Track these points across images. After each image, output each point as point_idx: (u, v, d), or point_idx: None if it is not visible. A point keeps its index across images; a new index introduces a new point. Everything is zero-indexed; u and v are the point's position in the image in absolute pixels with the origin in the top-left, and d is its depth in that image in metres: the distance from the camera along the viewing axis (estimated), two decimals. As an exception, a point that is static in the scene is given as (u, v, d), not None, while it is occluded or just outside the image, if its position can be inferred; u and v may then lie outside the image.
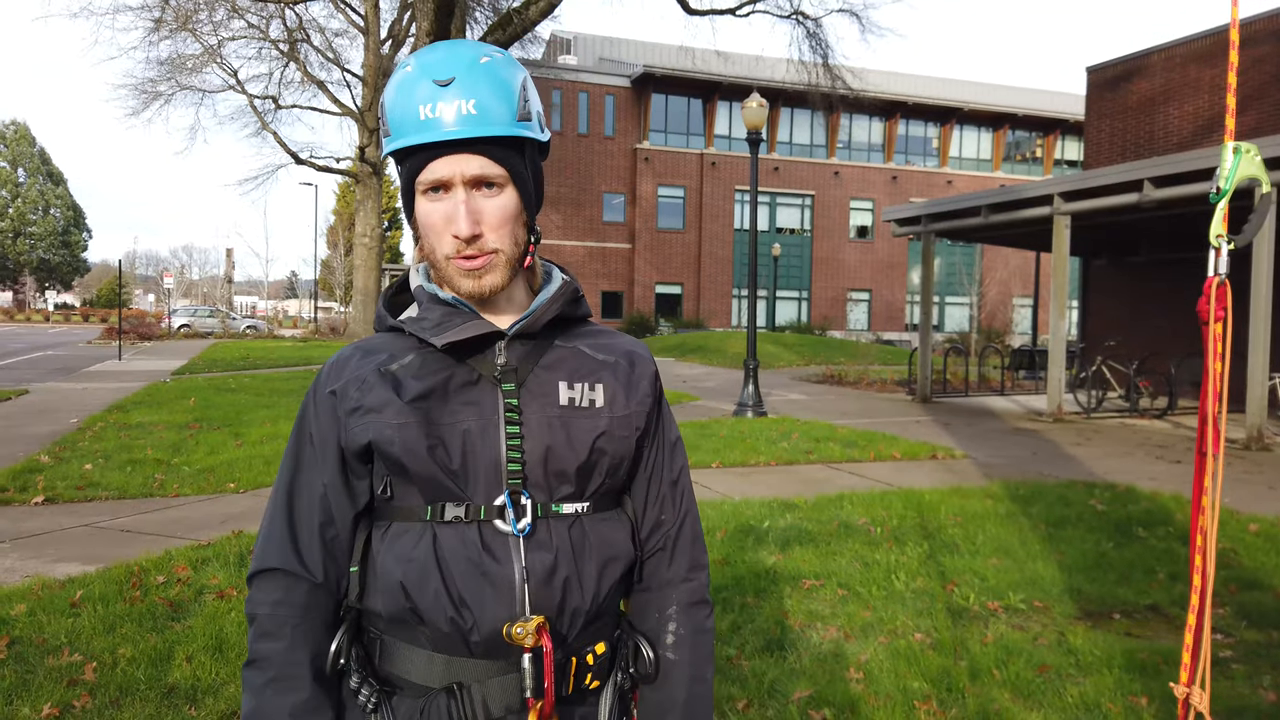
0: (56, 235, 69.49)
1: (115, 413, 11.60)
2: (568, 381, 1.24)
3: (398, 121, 1.17)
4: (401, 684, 1.20)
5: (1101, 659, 3.92)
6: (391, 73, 1.14)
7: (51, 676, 3.48)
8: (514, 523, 1.17)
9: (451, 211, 1.16)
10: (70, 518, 6.31)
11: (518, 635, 1.13)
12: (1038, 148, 48.64)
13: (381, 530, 1.22)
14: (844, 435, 10.76)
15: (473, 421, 1.19)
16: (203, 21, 26.72)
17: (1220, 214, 1.35)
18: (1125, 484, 7.93)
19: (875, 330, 44.59)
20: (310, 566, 1.21)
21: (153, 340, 33.57)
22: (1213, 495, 1.36)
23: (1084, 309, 19.24)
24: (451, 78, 1.14)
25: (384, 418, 1.18)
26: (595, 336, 1.32)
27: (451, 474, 1.17)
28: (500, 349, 1.22)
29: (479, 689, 1.16)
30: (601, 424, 1.23)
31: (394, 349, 1.24)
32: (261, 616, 1.20)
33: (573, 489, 1.22)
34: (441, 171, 1.16)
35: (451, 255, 1.18)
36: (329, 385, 1.24)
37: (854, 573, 5.11)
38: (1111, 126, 18.26)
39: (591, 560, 1.21)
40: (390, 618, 1.19)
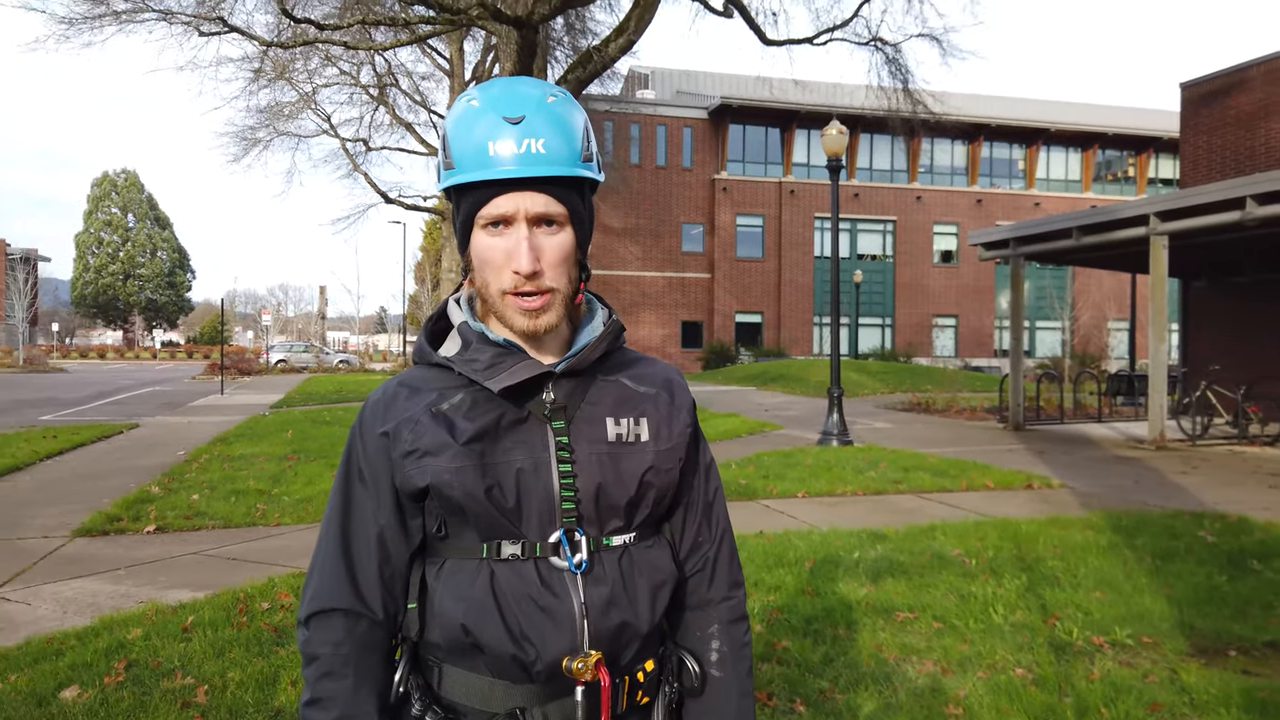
0: (163, 276, 73.11)
1: (219, 445, 12.10)
2: (614, 417, 1.26)
3: (463, 155, 1.18)
4: (463, 710, 1.22)
5: (1218, 698, 3.74)
6: (454, 106, 1.16)
7: (166, 699, 3.63)
8: (570, 559, 1.20)
9: (513, 248, 1.17)
10: (180, 546, 6.59)
11: (577, 670, 1.16)
12: (1130, 167, 47.10)
13: (436, 567, 1.24)
14: (933, 464, 10.53)
15: (525, 460, 1.21)
16: (298, 70, 27.96)
17: None
18: (1237, 514, 7.56)
19: (962, 356, 43.55)
20: (370, 605, 1.23)
21: (251, 375, 34.90)
22: None
23: (1185, 332, 18.47)
24: (522, 116, 1.16)
25: (440, 461, 1.19)
26: (634, 366, 1.34)
27: (507, 513, 1.20)
28: (548, 386, 1.24)
29: (539, 712, 1.19)
30: (648, 458, 1.26)
31: (441, 387, 1.25)
32: (324, 656, 1.21)
33: (622, 522, 1.25)
34: (506, 207, 1.17)
35: (509, 290, 1.19)
36: (379, 425, 1.24)
37: (949, 605, 4.98)
38: (1209, 143, 17.60)
39: (643, 588, 1.25)
40: (449, 649, 1.22)
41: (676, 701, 1.32)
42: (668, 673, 1.31)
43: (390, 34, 18.73)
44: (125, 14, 15.06)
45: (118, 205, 72.12)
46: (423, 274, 57.61)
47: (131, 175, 73.04)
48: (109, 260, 71.17)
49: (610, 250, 38.64)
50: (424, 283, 56.80)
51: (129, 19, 15.12)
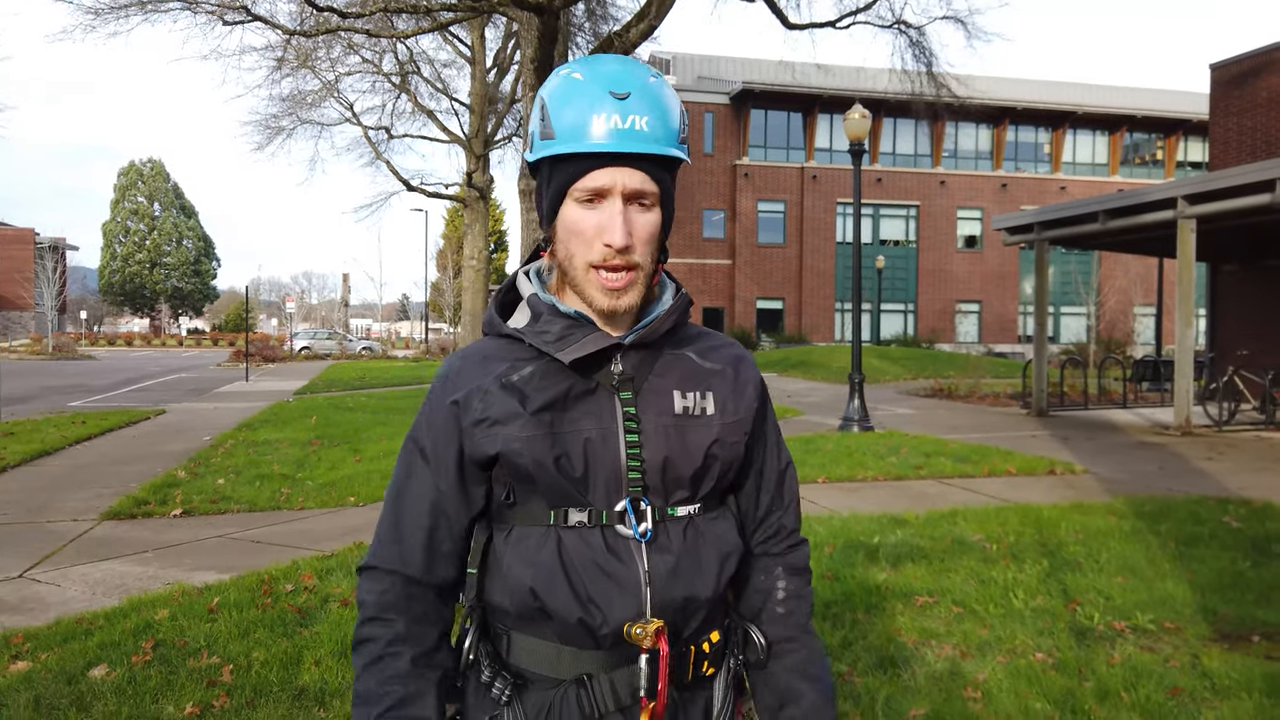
0: (189, 265, 73.85)
1: (244, 430, 12.23)
2: (680, 390, 1.27)
3: (564, 127, 1.19)
4: (531, 676, 1.25)
5: (1240, 682, 3.71)
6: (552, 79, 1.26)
7: (193, 678, 3.70)
8: (635, 527, 1.22)
9: (606, 221, 1.19)
10: (205, 529, 6.69)
11: (637, 636, 1.18)
12: (1158, 150, 46.41)
13: (504, 533, 1.26)
14: (955, 450, 10.47)
15: (593, 430, 1.22)
16: (321, 59, 28.04)
17: None
18: (1262, 500, 7.48)
19: (986, 343, 43.20)
20: (420, 567, 1.27)
21: (276, 362, 35.23)
22: None
23: (1213, 317, 18.23)
24: (628, 92, 1.18)
25: (510, 430, 1.21)
26: (701, 341, 1.35)
27: (575, 481, 1.22)
28: (616, 358, 1.25)
29: (606, 679, 1.21)
30: (715, 432, 1.27)
31: (512, 358, 1.27)
32: (369, 603, 1.26)
33: (687, 493, 1.26)
34: (604, 180, 1.18)
35: (597, 263, 1.20)
36: (450, 394, 1.27)
37: (969, 590, 4.97)
38: (1239, 125, 17.31)
39: (709, 558, 1.26)
40: (518, 614, 1.24)
41: (740, 672, 1.35)
42: (732, 645, 1.34)
43: (412, 21, 18.76)
44: (150, 3, 15.16)
45: (144, 194, 72.85)
46: (444, 261, 57.78)
47: (157, 164, 73.71)
48: (136, 249, 71.94)
49: (631, 237, 38.52)
50: (446, 270, 56.99)
51: (154, 8, 15.22)
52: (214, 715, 3.37)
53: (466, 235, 35.14)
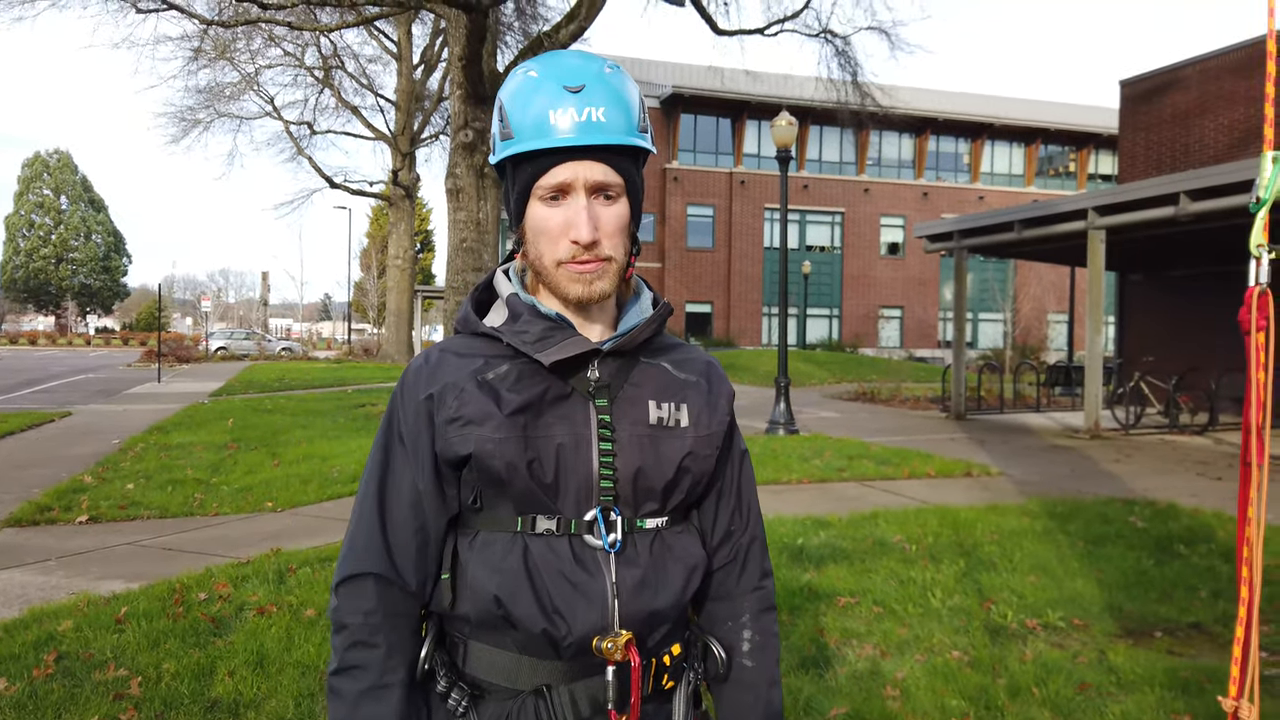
0: (97, 261, 71.04)
1: (155, 434, 11.81)
2: (656, 400, 1.26)
3: (522, 125, 1.18)
4: (488, 686, 1.22)
5: (1143, 677, 3.86)
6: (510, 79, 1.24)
7: (98, 691, 3.54)
8: (605, 538, 1.20)
9: (572, 217, 1.17)
10: (114, 536, 6.43)
11: (608, 650, 1.16)
12: (1070, 162, 48.20)
13: (469, 538, 1.23)
14: (877, 453, 10.69)
15: (566, 436, 1.20)
16: (240, 50, 27.30)
17: (1260, 223, 1.35)
18: (1166, 501, 7.81)
19: (907, 347, 44.25)
20: (403, 572, 1.22)
21: (190, 363, 34.12)
22: (1258, 506, 1.36)
23: (1121, 325, 19.00)
24: (582, 85, 1.17)
25: (484, 431, 1.18)
26: (675, 352, 1.34)
27: (545, 488, 1.19)
28: (593, 364, 1.24)
29: (565, 690, 1.19)
30: (688, 444, 1.26)
31: (487, 355, 1.24)
32: (354, 625, 1.20)
33: (657, 505, 1.25)
34: (565, 175, 1.17)
35: (565, 260, 1.19)
36: (424, 389, 1.23)
37: (890, 590, 5.07)
38: (1146, 140, 18.08)
39: (675, 572, 1.25)
40: (479, 623, 1.21)
41: (698, 685, 1.33)
42: (693, 658, 1.32)
43: (336, 15, 18.37)
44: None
45: (50, 187, 69.86)
46: (369, 261, 56.79)
47: (64, 156, 70.79)
48: (40, 243, 68.95)
49: (560, 238, 38.41)
50: (370, 270, 56.00)
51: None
52: (120, 730, 3.24)
53: (391, 234, 34.62)
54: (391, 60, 32.64)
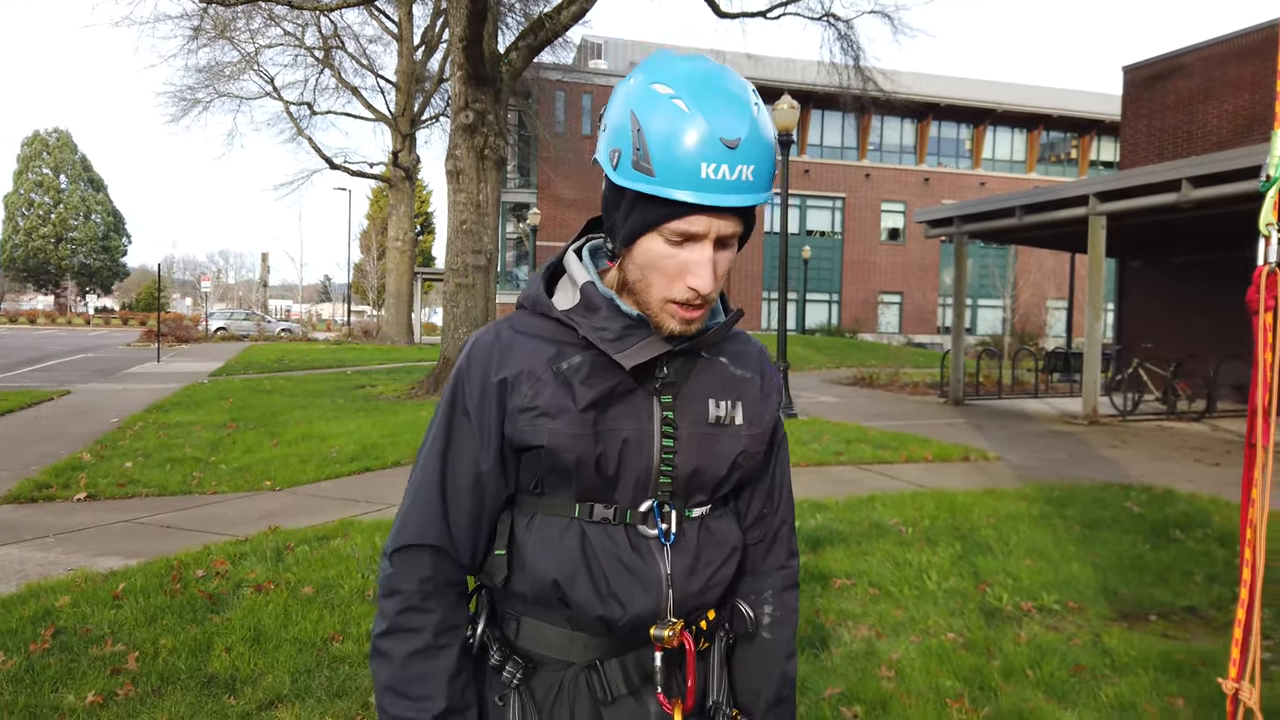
0: (97, 240, 70.87)
1: (154, 413, 11.82)
2: (715, 399, 1.28)
3: (666, 165, 1.10)
4: (539, 659, 1.26)
5: (1137, 660, 3.88)
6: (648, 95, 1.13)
7: (95, 665, 3.56)
8: (660, 528, 1.24)
9: (694, 266, 1.15)
10: (112, 513, 6.44)
11: (668, 639, 1.21)
12: (1073, 149, 48.04)
13: (526, 519, 1.25)
14: (875, 437, 10.70)
15: (631, 431, 1.22)
16: (240, 29, 27.16)
17: (1271, 202, 1.32)
18: (1162, 486, 7.82)
19: (907, 333, 44.24)
20: (459, 546, 1.23)
21: (190, 343, 34.11)
22: (1262, 487, 1.35)
23: (1120, 311, 18.99)
24: (738, 139, 1.10)
25: (559, 425, 1.19)
26: (732, 344, 1.35)
27: (606, 479, 1.22)
28: (662, 362, 1.25)
29: (617, 662, 1.24)
30: (742, 443, 1.29)
31: (559, 342, 1.24)
32: (408, 591, 1.21)
33: (706, 497, 1.29)
34: (700, 229, 1.13)
35: (676, 301, 1.17)
36: (497, 371, 1.22)
37: (885, 572, 5.09)
38: (1149, 126, 18.01)
39: (719, 556, 1.30)
40: (533, 600, 1.24)
41: (729, 645, 1.39)
42: (723, 619, 1.37)
43: (335, -6, 18.25)
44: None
45: (49, 166, 69.60)
46: (368, 243, 56.65)
47: (64, 135, 70.50)
48: (40, 222, 68.76)
49: (562, 222, 38.37)
50: (369, 251, 55.88)
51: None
52: (117, 704, 3.25)
53: (391, 216, 34.53)
54: (392, 41, 32.47)
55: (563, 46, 27.42)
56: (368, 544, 5.37)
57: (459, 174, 14.26)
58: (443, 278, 15.44)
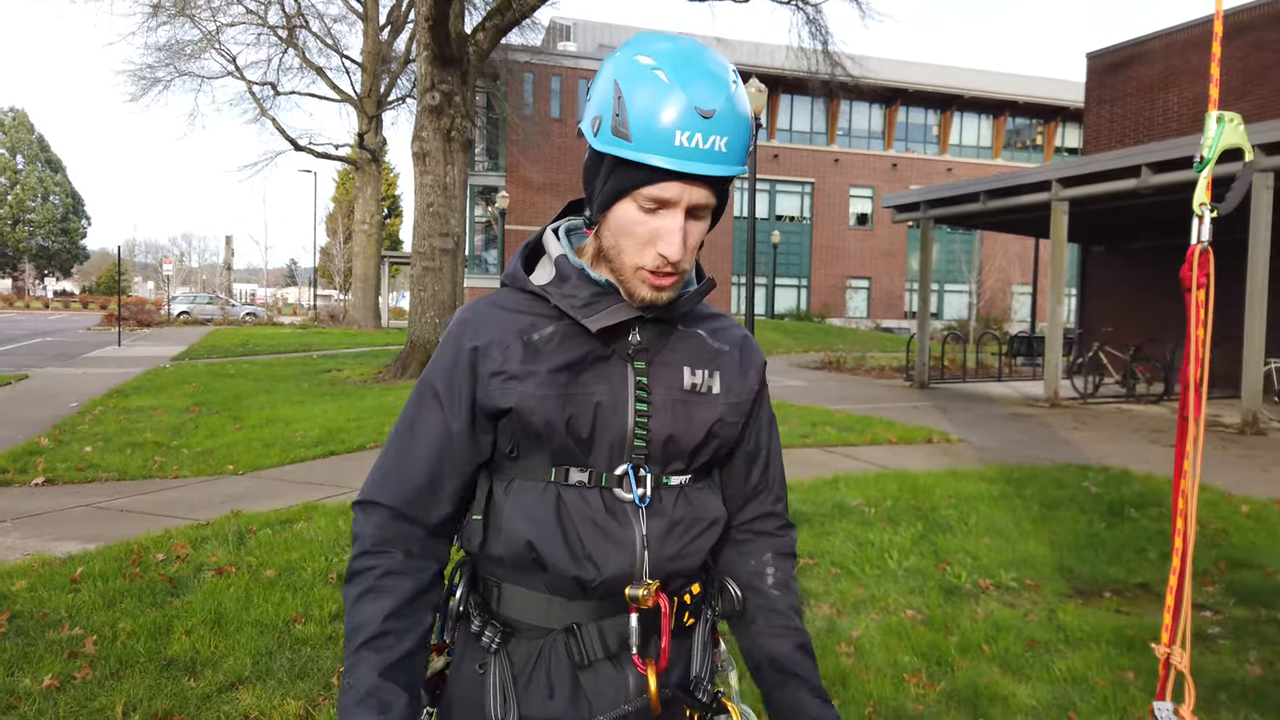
0: (55, 222, 69.40)
1: (115, 397, 11.64)
2: (690, 367, 1.31)
3: (643, 132, 1.14)
4: (519, 626, 1.29)
5: (1090, 634, 3.97)
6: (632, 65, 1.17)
7: (52, 649, 3.52)
8: (635, 492, 1.26)
9: (665, 233, 1.18)
10: (70, 498, 6.36)
11: (641, 598, 1.23)
12: (1038, 135, 48.52)
13: (504, 484, 1.29)
14: (840, 420, 10.80)
15: (604, 395, 1.25)
16: (201, 7, 26.65)
17: (1203, 182, 1.36)
18: (1119, 467, 7.97)
19: (875, 318, 44.59)
20: (416, 509, 1.28)
21: (152, 327, 33.59)
22: (1194, 459, 1.39)
23: (1082, 296, 19.26)
24: (713, 110, 1.14)
25: (527, 387, 1.23)
26: (712, 321, 1.38)
27: (580, 442, 1.25)
28: (635, 328, 1.28)
29: (594, 627, 1.26)
30: (718, 411, 1.32)
31: (534, 314, 1.28)
32: (365, 537, 1.27)
33: (683, 465, 1.32)
34: (672, 194, 1.16)
35: (646, 268, 1.20)
36: (471, 340, 1.27)
37: (847, 552, 5.15)
38: (1111, 113, 18.24)
39: (698, 525, 1.32)
40: (511, 565, 1.27)
41: (715, 622, 1.42)
42: (710, 597, 1.40)
43: (299, -28, 17.95)
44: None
45: (5, 146, 67.94)
46: (335, 225, 56.04)
47: (20, 115, 68.83)
48: (-4, 204, 67.19)
49: (531, 205, 38.16)
50: (336, 234, 55.28)
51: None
52: (75, 687, 3.22)
53: (358, 198, 34.15)
54: (357, 20, 32.03)
55: (531, 28, 27.19)
56: (331, 527, 5.35)
57: (426, 156, 14.13)
58: (410, 261, 15.31)
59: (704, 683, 1.36)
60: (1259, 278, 10.72)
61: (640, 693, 1.26)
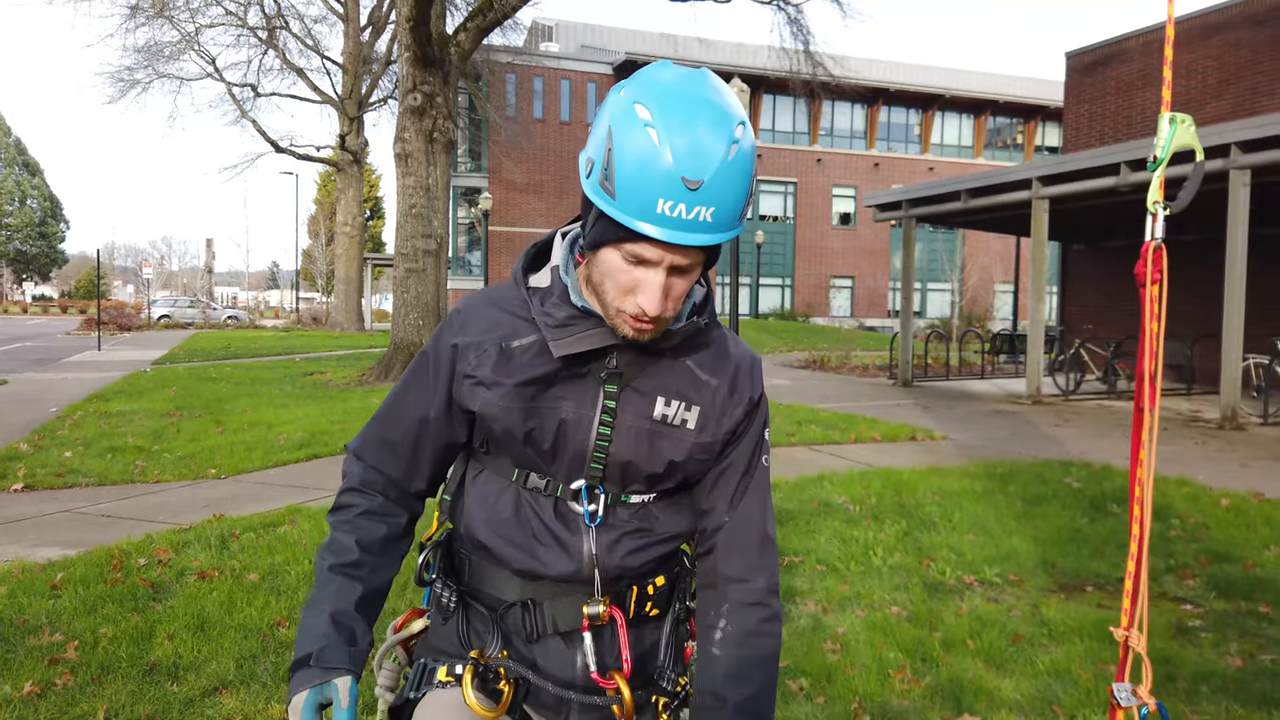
0: (33, 226, 68.65)
1: (95, 401, 11.54)
2: (665, 398, 1.29)
3: (626, 191, 1.10)
4: (483, 597, 1.37)
5: (1073, 629, 4.00)
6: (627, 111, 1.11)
7: (32, 655, 3.48)
8: (586, 510, 1.29)
9: (644, 286, 1.16)
10: (50, 503, 6.29)
11: (597, 617, 1.30)
12: (1019, 134, 48.83)
13: (474, 474, 1.38)
14: (825, 418, 10.83)
15: (570, 412, 1.27)
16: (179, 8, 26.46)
17: (1157, 181, 1.39)
18: (1101, 463, 8.03)
19: (858, 317, 44.76)
20: (394, 471, 1.38)
21: (132, 331, 33.31)
22: (1149, 448, 1.40)
23: (1063, 293, 19.40)
24: (700, 181, 1.08)
25: (492, 395, 1.27)
26: (707, 349, 1.33)
27: (541, 453, 1.28)
28: (614, 352, 1.26)
29: (550, 606, 1.31)
30: (685, 447, 1.30)
31: (520, 318, 1.30)
32: (354, 474, 1.39)
33: (643, 487, 1.32)
34: (652, 256, 1.14)
35: (627, 312, 1.19)
36: (455, 336, 1.32)
37: (832, 549, 5.17)
38: (1090, 111, 18.38)
39: (651, 539, 1.33)
40: (474, 547, 1.37)
41: (684, 616, 1.42)
42: (680, 589, 1.40)
43: (279, -27, 17.86)
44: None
45: (-19, 149, 67.20)
46: (316, 228, 55.75)
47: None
48: (-28, 208, 66.42)
49: (514, 206, 38.10)
50: (318, 237, 55.00)
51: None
52: (56, 693, 3.19)
53: (340, 201, 33.98)
54: (338, 21, 31.89)
55: (513, 28, 27.15)
56: (315, 530, 5.32)
57: (408, 157, 14.08)
58: (393, 263, 15.25)
59: (667, 671, 1.37)
60: (1236, 274, 10.82)
61: (586, 672, 1.31)
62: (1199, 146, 1.38)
